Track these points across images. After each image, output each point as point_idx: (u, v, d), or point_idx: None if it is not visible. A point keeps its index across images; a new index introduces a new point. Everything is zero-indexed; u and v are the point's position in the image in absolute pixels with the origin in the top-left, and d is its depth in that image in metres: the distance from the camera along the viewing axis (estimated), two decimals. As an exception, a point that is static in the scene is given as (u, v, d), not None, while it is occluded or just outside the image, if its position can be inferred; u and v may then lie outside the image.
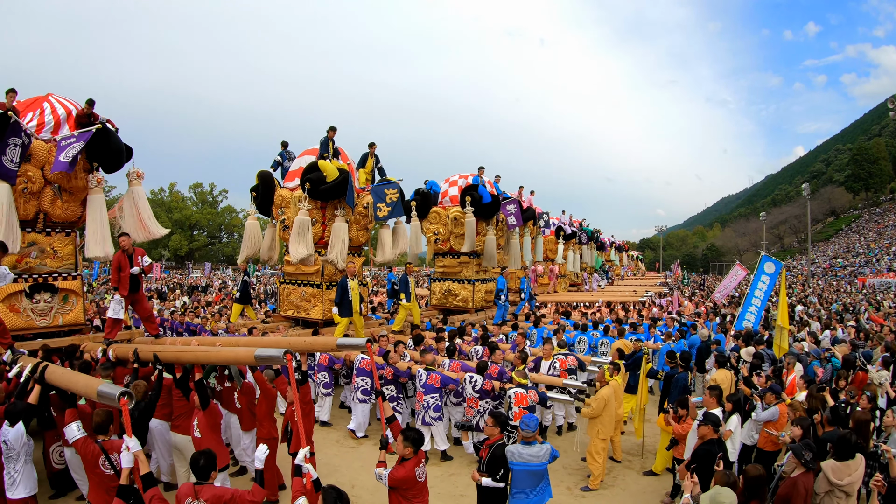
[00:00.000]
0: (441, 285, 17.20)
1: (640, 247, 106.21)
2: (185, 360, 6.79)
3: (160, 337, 10.16)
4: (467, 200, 15.76)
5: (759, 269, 12.84)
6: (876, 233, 77.19)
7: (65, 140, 9.34)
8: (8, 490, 5.50)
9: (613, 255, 40.37)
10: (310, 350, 8.97)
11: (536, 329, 13.25)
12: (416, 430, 5.44)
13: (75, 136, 9.30)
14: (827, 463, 5.47)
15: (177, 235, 73.84)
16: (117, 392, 4.56)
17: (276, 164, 14.36)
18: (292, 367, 5.04)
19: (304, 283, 13.53)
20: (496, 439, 5.72)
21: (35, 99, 10.11)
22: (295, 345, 6.39)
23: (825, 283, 49.73)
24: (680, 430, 7.15)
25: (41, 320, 9.60)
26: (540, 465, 5.68)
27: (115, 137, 9.75)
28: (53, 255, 9.88)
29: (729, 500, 4.66)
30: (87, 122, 9.58)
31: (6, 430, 5.44)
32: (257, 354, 5.37)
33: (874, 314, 19.86)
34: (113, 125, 9.88)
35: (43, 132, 9.66)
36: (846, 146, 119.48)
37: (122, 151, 9.89)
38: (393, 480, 5.05)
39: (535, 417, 6.00)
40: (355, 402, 9.66)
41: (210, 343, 7.83)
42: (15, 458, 5.48)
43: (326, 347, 7.91)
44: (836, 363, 10.31)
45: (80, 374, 5.95)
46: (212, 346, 7.18)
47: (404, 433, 5.30)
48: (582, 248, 29.33)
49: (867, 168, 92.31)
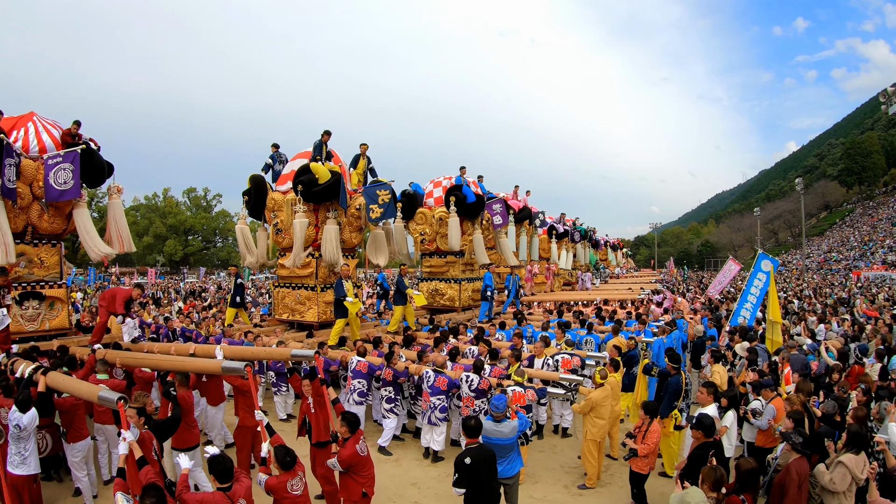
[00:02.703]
0: (428, 285, 17.29)
1: (635, 244, 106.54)
2: (162, 367, 7.67)
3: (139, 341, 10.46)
4: (451, 200, 15.82)
5: (756, 266, 12.85)
6: (870, 226, 77.38)
7: (51, 159, 10.02)
8: (17, 468, 6.24)
9: (610, 253, 40.46)
10: (266, 358, 9.95)
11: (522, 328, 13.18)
12: (351, 413, 6.12)
13: (61, 155, 10.08)
14: (847, 457, 5.44)
15: (171, 240, 73.79)
16: (115, 397, 5.33)
17: (266, 167, 14.29)
18: (251, 374, 6.22)
19: (298, 286, 13.50)
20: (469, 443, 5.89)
21: (19, 118, 10.69)
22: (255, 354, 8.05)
23: (820, 278, 49.83)
24: (644, 444, 6.78)
25: (30, 325, 10.40)
26: (509, 440, 6.28)
27: (98, 156, 10.60)
28: (41, 265, 10.70)
29: (696, 501, 4.65)
30: (71, 142, 10.37)
31: (20, 416, 6.13)
32: (224, 366, 6.48)
33: (867, 308, 19.86)
34: (95, 144, 10.69)
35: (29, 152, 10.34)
36: (839, 140, 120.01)
37: (104, 169, 10.74)
38: (343, 462, 5.73)
39: (504, 398, 6.49)
40: (351, 404, 9.63)
41: (184, 350, 8.40)
42: (26, 438, 6.24)
43: (282, 357, 8.32)
44: (830, 356, 10.30)
45: (81, 382, 6.66)
46: (185, 357, 7.89)
47: (343, 416, 6.03)
48: (575, 247, 29.38)
49: (860, 162, 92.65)
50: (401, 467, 8.66)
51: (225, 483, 4.69)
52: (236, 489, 4.70)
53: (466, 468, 5.45)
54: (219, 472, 4.69)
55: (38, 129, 10.53)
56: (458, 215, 15.92)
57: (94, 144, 10.67)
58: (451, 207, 15.76)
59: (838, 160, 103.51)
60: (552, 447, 9.57)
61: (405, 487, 7.93)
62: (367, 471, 5.96)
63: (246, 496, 4.76)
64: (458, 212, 15.90)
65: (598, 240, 36.70)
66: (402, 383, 9.40)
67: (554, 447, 9.57)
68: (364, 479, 5.92)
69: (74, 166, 10.08)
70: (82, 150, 10.14)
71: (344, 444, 5.87)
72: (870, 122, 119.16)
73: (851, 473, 5.33)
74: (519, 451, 6.57)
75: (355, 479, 5.87)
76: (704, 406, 7.00)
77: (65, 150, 10.19)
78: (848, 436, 5.59)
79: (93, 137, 10.79)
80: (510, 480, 6.38)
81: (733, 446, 7.35)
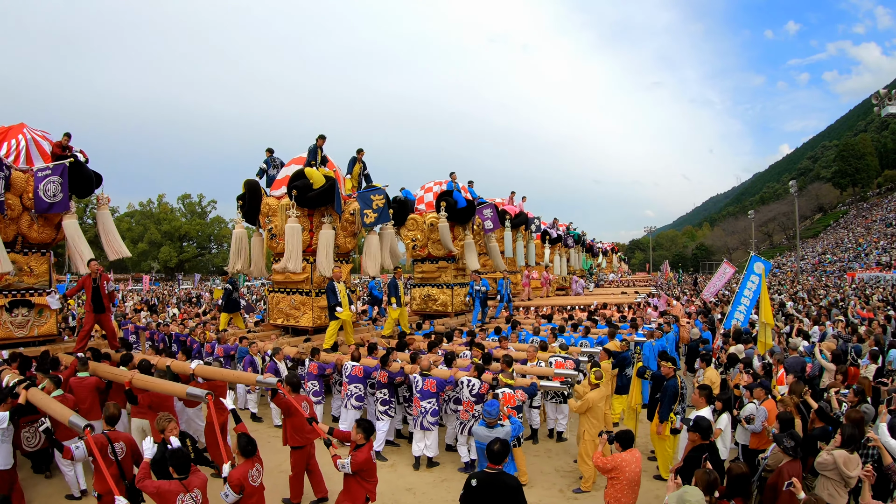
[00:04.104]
0: (421, 290, 17.34)
1: (630, 248, 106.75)
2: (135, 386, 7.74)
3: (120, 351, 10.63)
4: (442, 206, 15.92)
5: (749, 268, 12.87)
6: (864, 227, 77.61)
7: (41, 171, 10.20)
8: None
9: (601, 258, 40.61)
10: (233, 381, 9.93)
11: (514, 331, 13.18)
12: (367, 420, 6.30)
13: (50, 168, 10.25)
14: (839, 452, 5.44)
15: (166, 247, 73.61)
16: (83, 424, 5.67)
17: (261, 172, 14.30)
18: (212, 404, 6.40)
19: (293, 291, 13.48)
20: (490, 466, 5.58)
21: (10, 129, 10.91)
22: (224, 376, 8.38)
23: (815, 280, 49.97)
24: (600, 461, 6.15)
25: (19, 332, 10.65)
26: None
27: (86, 168, 10.77)
28: (30, 273, 10.90)
29: (695, 500, 4.64)
30: (61, 154, 10.53)
31: None
32: (188, 392, 6.81)
33: (861, 310, 19.90)
34: (84, 155, 10.86)
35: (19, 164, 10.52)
36: (832, 143, 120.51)
37: (92, 180, 10.91)
38: (356, 465, 5.83)
39: (496, 403, 6.73)
40: (349, 408, 9.62)
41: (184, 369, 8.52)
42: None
43: (247, 382, 8.95)
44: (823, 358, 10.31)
45: (56, 402, 6.91)
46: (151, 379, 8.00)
47: (358, 423, 6.17)
48: (569, 252, 29.44)
49: (854, 164, 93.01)
50: (396, 472, 8.65)
51: (182, 474, 5.07)
52: (192, 480, 5.09)
53: (469, 490, 5.13)
54: (177, 464, 5.10)
55: (28, 141, 10.71)
56: (450, 220, 16.03)
57: (83, 156, 10.83)
58: (441, 212, 15.84)
59: (832, 162, 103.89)
60: (547, 451, 9.56)
61: (400, 493, 7.92)
62: (374, 477, 6.13)
63: (201, 487, 5.16)
64: (450, 217, 16.01)
65: (591, 244, 36.79)
66: (398, 384, 9.38)
67: (549, 451, 9.57)
68: (371, 485, 6.07)
69: (63, 179, 10.21)
70: (70, 163, 10.31)
71: (357, 449, 5.99)
72: (863, 124, 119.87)
73: (839, 470, 5.35)
74: (512, 456, 6.60)
75: (362, 483, 5.98)
76: (699, 409, 7.01)
77: (54, 162, 10.34)
78: (842, 435, 5.59)
79: (82, 149, 10.97)
80: None
81: (727, 448, 7.35)
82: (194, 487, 5.05)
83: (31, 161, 10.53)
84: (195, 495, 5.03)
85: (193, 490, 5.02)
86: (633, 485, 5.78)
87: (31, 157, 10.59)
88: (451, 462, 8.96)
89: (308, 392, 10.32)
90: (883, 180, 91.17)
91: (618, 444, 6.03)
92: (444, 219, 15.82)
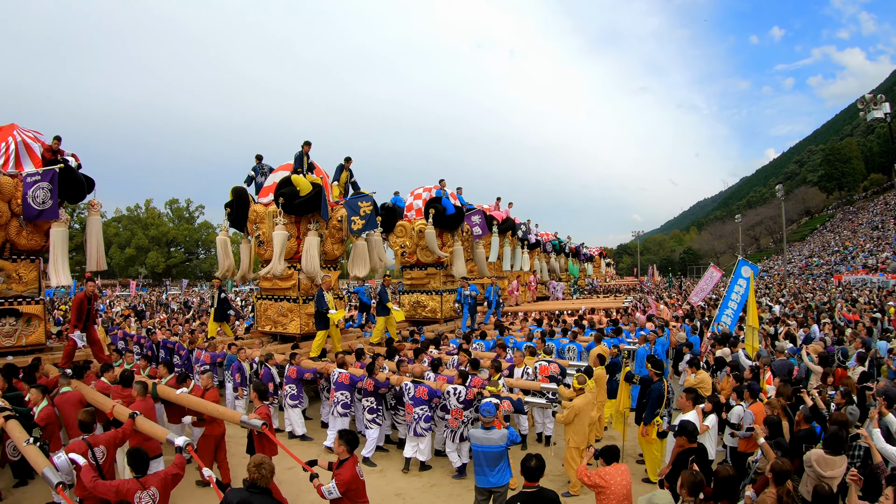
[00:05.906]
0: (410, 297, 17.37)
1: (617, 252, 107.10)
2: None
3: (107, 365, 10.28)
4: (431, 213, 15.96)
5: (737, 272, 12.92)
6: (850, 231, 78.27)
7: (30, 177, 9.99)
8: None
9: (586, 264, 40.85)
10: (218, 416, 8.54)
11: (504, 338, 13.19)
12: (350, 432, 5.71)
13: (40, 173, 10.03)
14: (816, 452, 5.51)
15: (154, 252, 73.19)
16: (56, 481, 5.12)
17: (249, 179, 14.26)
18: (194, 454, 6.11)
19: (280, 298, 13.43)
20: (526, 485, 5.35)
21: (0, 129, 10.68)
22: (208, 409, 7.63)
23: (801, 283, 50.34)
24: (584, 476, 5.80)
25: (7, 341, 10.51)
26: (498, 448, 6.34)
27: (77, 173, 10.58)
28: (19, 281, 10.75)
29: (664, 502, 4.66)
30: (52, 159, 10.35)
31: None
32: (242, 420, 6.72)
33: (847, 312, 20.06)
34: (76, 159, 10.70)
35: (8, 168, 10.34)
36: (819, 147, 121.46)
37: (83, 184, 10.79)
38: (342, 485, 5.23)
39: (491, 404, 6.65)
40: (335, 416, 9.57)
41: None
42: None
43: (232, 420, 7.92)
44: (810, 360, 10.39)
45: (33, 449, 6.17)
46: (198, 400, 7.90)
47: (340, 434, 5.59)
48: (549, 257, 29.61)
49: (840, 168, 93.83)
50: (385, 478, 8.61)
51: (140, 473, 5.20)
52: (150, 478, 5.20)
53: None
54: (135, 463, 5.23)
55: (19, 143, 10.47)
56: (438, 227, 16.09)
57: (75, 160, 10.64)
58: (428, 219, 15.89)
59: (818, 166, 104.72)
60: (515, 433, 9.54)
61: (390, 498, 7.88)
62: (363, 497, 5.51)
63: (158, 486, 5.20)
64: (438, 224, 16.06)
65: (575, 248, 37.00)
66: (383, 394, 9.37)
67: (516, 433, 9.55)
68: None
69: (52, 185, 10.02)
70: (60, 169, 10.11)
71: (341, 465, 5.39)
72: (849, 128, 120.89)
73: (814, 469, 5.39)
74: (508, 459, 6.56)
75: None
76: (685, 412, 7.04)
77: (43, 168, 10.14)
78: (826, 436, 5.64)
79: (74, 153, 10.79)
80: (501, 490, 6.42)
81: (714, 448, 7.38)
82: (151, 485, 5.13)
83: (20, 164, 10.32)
84: (152, 493, 5.11)
85: (150, 488, 5.10)
86: (621, 499, 5.64)
87: (21, 160, 10.37)
88: (441, 467, 8.94)
89: (285, 395, 10.30)
90: (869, 184, 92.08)
91: (602, 459, 5.79)
92: (432, 226, 15.85)
